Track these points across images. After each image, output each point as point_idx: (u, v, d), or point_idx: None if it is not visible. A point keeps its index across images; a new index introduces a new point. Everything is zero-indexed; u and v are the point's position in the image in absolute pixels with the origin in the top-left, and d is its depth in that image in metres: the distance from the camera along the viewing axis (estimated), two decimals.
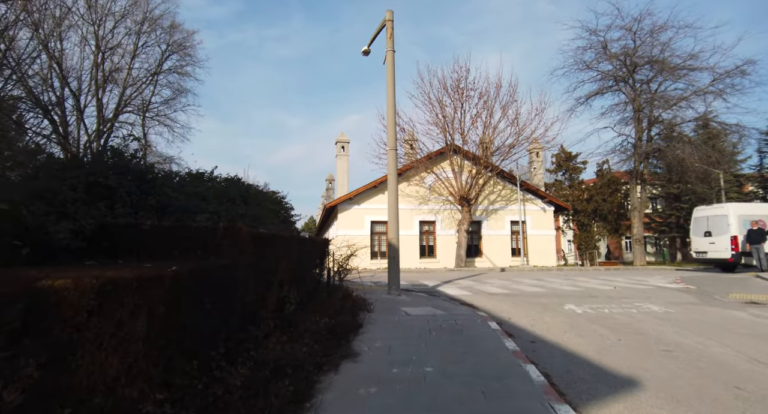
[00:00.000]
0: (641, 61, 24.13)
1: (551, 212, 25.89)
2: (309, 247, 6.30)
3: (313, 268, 6.86)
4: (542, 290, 10.47)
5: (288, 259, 4.95)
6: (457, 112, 21.60)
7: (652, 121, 25.72)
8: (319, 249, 7.24)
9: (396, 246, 8.97)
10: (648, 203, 26.99)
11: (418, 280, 13.86)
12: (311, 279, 6.43)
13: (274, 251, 4.47)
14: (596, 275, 15.80)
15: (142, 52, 22.49)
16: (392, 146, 9.27)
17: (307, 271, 6.02)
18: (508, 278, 14.33)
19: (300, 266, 5.60)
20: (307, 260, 6.10)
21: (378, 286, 11.03)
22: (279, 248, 4.64)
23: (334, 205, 23.22)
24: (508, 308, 7.82)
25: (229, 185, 6.02)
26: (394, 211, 9.08)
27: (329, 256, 8.63)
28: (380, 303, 7.81)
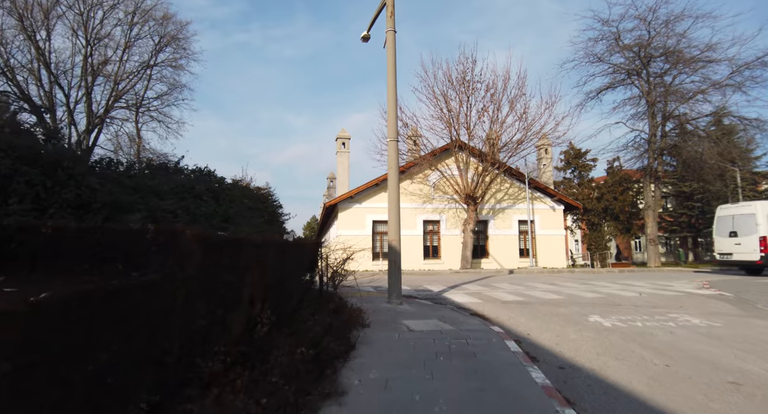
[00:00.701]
0: (656, 53, 23.00)
1: (561, 211, 24.84)
2: (295, 251, 5.34)
3: (301, 275, 5.90)
4: (559, 297, 9.47)
5: (262, 268, 4.00)
6: (463, 105, 20.60)
7: (667, 115, 24.58)
8: (308, 253, 6.29)
9: (397, 248, 8.00)
10: (662, 201, 25.82)
11: (422, 284, 12.88)
12: (297, 289, 5.48)
13: (239, 260, 3.52)
14: (613, 278, 14.76)
15: (135, 45, 21.64)
16: (393, 137, 8.29)
17: (291, 281, 5.06)
18: (519, 282, 13.33)
19: (281, 276, 4.64)
20: (292, 267, 5.14)
21: (378, 292, 10.08)
22: (248, 256, 3.68)
23: (334, 203, 22.29)
24: (525, 321, 6.83)
25: (197, 178, 5.06)
26: (395, 209, 8.11)
27: (322, 260, 7.67)
28: (379, 314, 6.84)
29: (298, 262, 5.62)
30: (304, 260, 6.04)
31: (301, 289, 5.90)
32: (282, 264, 4.64)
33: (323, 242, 7.94)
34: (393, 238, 8.05)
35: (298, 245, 5.48)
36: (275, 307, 4.40)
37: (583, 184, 31.32)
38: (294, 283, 5.25)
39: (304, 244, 5.82)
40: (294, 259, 5.33)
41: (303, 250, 5.80)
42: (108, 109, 20.23)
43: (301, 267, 5.78)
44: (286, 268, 4.83)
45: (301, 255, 5.78)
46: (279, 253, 4.52)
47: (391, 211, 8.15)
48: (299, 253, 5.64)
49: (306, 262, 6.19)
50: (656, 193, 25.18)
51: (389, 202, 8.21)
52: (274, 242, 4.34)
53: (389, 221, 8.17)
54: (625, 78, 25.42)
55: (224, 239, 3.20)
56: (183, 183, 4.53)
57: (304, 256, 5.94)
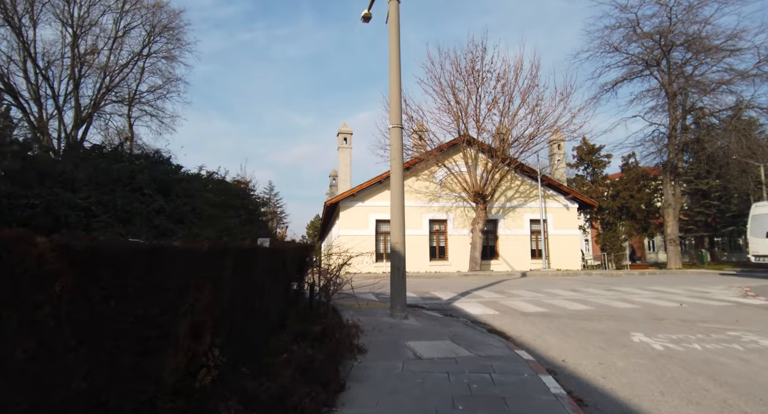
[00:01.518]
0: (678, 40, 21.60)
1: (575, 210, 23.54)
2: (272, 260, 4.20)
3: (282, 289, 4.77)
4: (588, 308, 8.26)
5: (213, 287, 2.87)
6: (472, 97, 19.38)
7: (687, 109, 23.20)
8: (293, 261, 5.15)
9: (401, 252, 6.85)
10: (683, 199, 24.45)
11: (429, 290, 11.72)
12: (276, 307, 4.34)
13: (168, 279, 2.39)
14: (638, 283, 13.51)
15: (126, 36, 20.62)
16: (396, 123, 7.14)
17: (266, 298, 3.93)
18: (537, 287, 12.11)
19: (247, 294, 3.51)
20: (267, 281, 4.01)
21: (380, 301, 8.93)
22: (184, 272, 2.55)
23: (335, 202, 21.17)
24: (555, 341, 5.65)
25: (144, 166, 3.93)
26: (399, 207, 6.95)
27: (314, 266, 6.54)
28: (379, 333, 5.69)
29: (278, 273, 4.49)
30: (287, 270, 4.91)
31: (283, 307, 4.76)
32: (248, 278, 3.51)
33: (313, 246, 6.80)
34: (396, 241, 6.90)
35: (277, 252, 4.35)
36: (237, 337, 3.27)
37: (597, 182, 29.90)
38: (270, 301, 4.12)
39: (285, 250, 4.68)
40: (271, 269, 4.20)
41: (284, 257, 4.66)
42: (97, 103, 19.25)
43: (281, 279, 4.65)
44: (255, 282, 3.70)
45: (282, 264, 4.64)
46: (243, 265, 3.38)
47: (394, 209, 7.00)
48: (279, 261, 4.50)
49: (289, 272, 5.05)
50: (676, 191, 23.80)
51: (392, 199, 7.06)
52: (236, 250, 3.20)
53: (392, 221, 7.02)
54: (643, 69, 24.04)
55: (131, 250, 2.07)
56: (118, 171, 3.40)
57: (286, 264, 4.81)
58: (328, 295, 6.51)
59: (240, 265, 3.29)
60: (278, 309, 4.58)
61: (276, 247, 4.46)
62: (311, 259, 6.30)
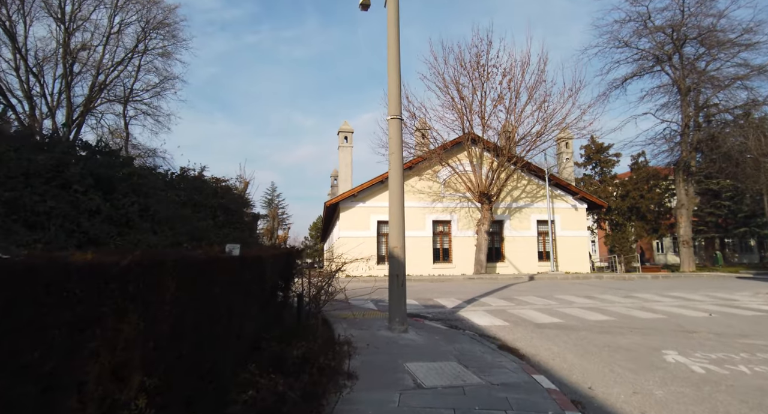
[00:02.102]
0: (692, 34, 20.75)
1: (583, 210, 22.71)
2: (244, 270, 3.49)
3: (259, 304, 4.05)
4: (607, 318, 7.49)
5: (144, 312, 2.16)
6: (477, 93, 18.63)
7: (700, 105, 22.33)
8: (273, 269, 4.43)
9: (400, 258, 6.12)
10: (696, 199, 23.56)
11: (432, 296, 10.98)
12: (248, 328, 3.63)
13: (53, 309, 1.68)
14: (655, 288, 12.70)
15: (121, 33, 20.02)
16: (395, 113, 6.42)
17: (233, 319, 3.21)
18: (547, 293, 11.34)
19: (204, 318, 2.80)
20: (236, 297, 3.30)
21: (379, 309, 8.21)
22: (89, 296, 1.85)
23: (335, 202, 20.47)
24: (577, 360, 4.90)
25: (86, 158, 3.23)
26: (398, 207, 6.23)
27: (301, 274, 5.83)
28: (374, 352, 4.96)
29: (252, 287, 3.77)
30: (266, 281, 4.19)
31: (261, 325, 4.04)
32: (205, 297, 2.80)
33: (300, 251, 6.09)
34: (395, 244, 6.17)
35: (252, 261, 3.63)
36: (187, 373, 2.56)
37: (605, 181, 29.01)
38: (242, 321, 3.40)
39: (263, 257, 3.96)
40: (243, 282, 3.49)
41: (262, 266, 3.95)
42: (90, 101, 18.65)
43: (257, 293, 3.93)
44: (217, 301, 2.99)
45: (259, 275, 3.93)
46: (194, 281, 2.67)
47: (393, 209, 6.27)
48: (254, 272, 3.79)
49: (269, 283, 4.33)
50: (689, 190, 22.92)
51: (390, 198, 6.34)
52: (183, 263, 2.49)
53: (390, 222, 6.29)
54: (654, 64, 23.20)
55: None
56: (36, 163, 2.69)
57: (264, 275, 4.09)
58: (319, 307, 5.79)
59: (189, 282, 2.58)
60: (253, 329, 3.87)
61: (251, 254, 3.75)
62: (297, 266, 5.58)
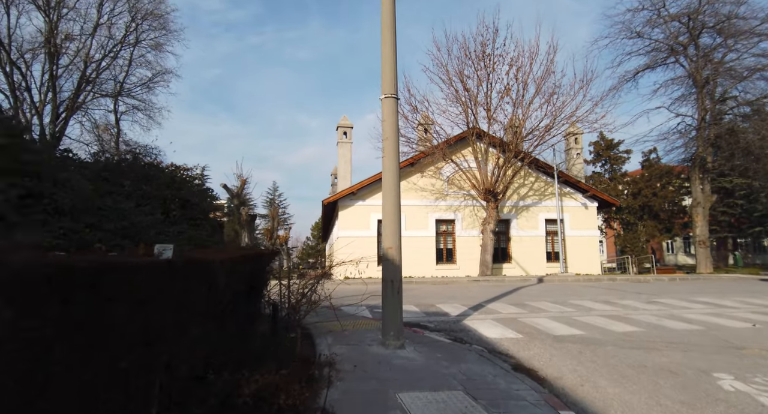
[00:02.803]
0: (710, 22, 19.68)
1: (594, 209, 21.69)
2: (176, 282, 2.58)
3: (204, 325, 3.14)
4: (636, 329, 6.53)
5: None
6: (482, 84, 17.66)
7: (717, 98, 21.24)
8: (233, 277, 3.52)
9: (395, 260, 5.20)
10: (713, 197, 22.48)
11: (434, 301, 10.04)
12: (186, 359, 2.71)
13: None
14: (680, 293, 11.70)
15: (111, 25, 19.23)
16: (390, 91, 5.50)
17: (156, 353, 2.30)
18: (561, 298, 10.37)
19: (100, 348, 1.88)
20: (163, 320, 2.39)
21: (374, 318, 7.27)
22: None
23: (333, 200, 19.56)
24: (613, 389, 3.95)
25: None
26: (393, 202, 5.31)
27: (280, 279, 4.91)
28: (360, 377, 4.04)
29: (194, 300, 2.86)
30: (220, 292, 3.27)
31: (211, 348, 3.13)
32: (93, 322, 1.88)
33: (275, 252, 5.18)
34: (390, 245, 5.25)
35: (191, 267, 2.72)
36: None
37: (616, 179, 27.93)
38: (169, 349, 2.49)
39: (210, 262, 3.04)
40: (176, 295, 2.57)
41: (211, 275, 3.03)
42: (77, 95, 17.85)
43: (202, 308, 3.01)
44: (122, 324, 2.07)
45: (207, 284, 3.02)
46: (65, 300, 1.75)
47: (388, 203, 5.35)
48: (197, 281, 2.88)
49: (226, 295, 3.42)
50: (705, 188, 21.84)
51: (384, 191, 5.41)
52: (52, 270, 1.58)
53: (384, 219, 5.37)
54: (668, 56, 22.13)
55: None
56: None
57: (217, 285, 3.18)
58: (299, 318, 4.87)
59: (51, 302, 1.67)
60: (195, 354, 2.95)
61: (194, 258, 2.84)
62: (270, 271, 4.67)
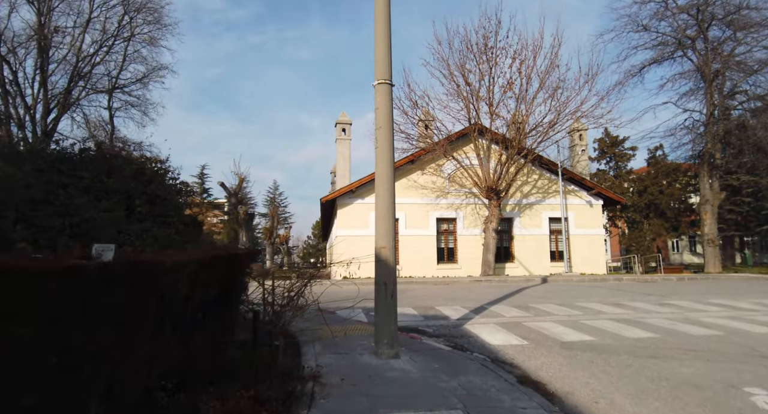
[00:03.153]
0: (719, 13, 19.13)
1: (599, 207, 21.16)
2: (104, 288, 2.12)
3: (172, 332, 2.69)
4: (651, 335, 6.05)
5: None
6: (484, 78, 17.16)
7: (727, 92, 20.69)
8: (196, 283, 3.06)
9: (389, 261, 4.75)
10: (721, 195, 21.93)
11: (434, 303, 9.59)
12: (131, 372, 2.26)
13: None
14: (692, 294, 11.20)
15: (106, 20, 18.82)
16: (384, 77, 5.04)
17: (86, 370, 1.84)
18: (567, 299, 9.90)
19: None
20: (96, 331, 1.93)
21: (369, 323, 6.83)
22: None
23: (331, 199, 19.11)
24: (631, 405, 3.48)
25: None
26: (387, 194, 4.85)
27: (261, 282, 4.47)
28: (346, 394, 3.57)
29: (141, 311, 2.41)
30: (180, 300, 2.82)
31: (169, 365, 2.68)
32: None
33: (253, 253, 4.72)
34: (383, 244, 4.80)
35: (133, 272, 2.27)
36: None
37: (621, 177, 27.37)
38: (106, 371, 2.04)
39: (160, 266, 2.58)
40: (112, 306, 2.13)
41: (161, 279, 2.59)
42: (69, 90, 17.45)
43: (156, 320, 2.56)
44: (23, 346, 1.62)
45: (159, 291, 2.57)
46: None
47: (381, 198, 4.89)
48: (144, 288, 2.43)
49: (191, 303, 2.97)
50: (714, 185, 21.30)
51: (378, 185, 4.96)
52: None
53: (377, 215, 4.92)
54: (675, 49, 21.57)
55: None
56: None
57: (173, 291, 2.73)
58: (283, 327, 4.42)
59: None
60: (144, 382, 2.50)
61: (138, 260, 2.39)
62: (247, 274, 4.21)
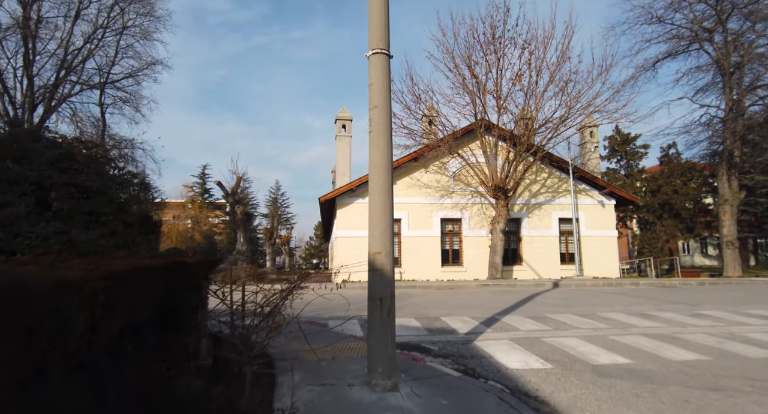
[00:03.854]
0: (741, 2, 18.11)
1: (611, 207, 20.17)
2: None
3: (78, 378, 1.78)
4: (699, 356, 5.11)
5: None
6: (491, 70, 16.22)
7: (747, 87, 19.65)
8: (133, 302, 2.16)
9: (386, 269, 3.85)
10: (741, 194, 20.89)
11: (439, 312, 8.66)
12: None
13: None
14: (724, 303, 10.22)
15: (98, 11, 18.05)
16: (380, 45, 4.14)
17: None
18: (587, 308, 8.95)
19: None
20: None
21: (364, 340, 5.91)
22: None
23: (330, 198, 18.22)
24: None
25: None
26: (383, 188, 3.97)
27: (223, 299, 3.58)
28: None
29: (13, 355, 1.50)
30: (76, 334, 1.93)
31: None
32: None
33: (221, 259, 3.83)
34: (378, 250, 3.90)
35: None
36: None
37: (632, 176, 26.33)
38: None
39: (21, 287, 1.71)
40: None
41: (29, 306, 1.70)
42: (56, 85, 16.67)
43: (30, 366, 1.66)
44: None
45: (34, 324, 1.66)
46: None
47: (376, 193, 4.00)
48: (9, 321, 1.52)
49: (103, 337, 2.07)
50: (733, 184, 20.26)
51: (371, 176, 4.07)
52: None
53: (370, 213, 4.03)
54: (691, 42, 20.57)
55: None
56: None
57: (63, 322, 1.83)
58: (252, 352, 3.52)
59: None
60: None
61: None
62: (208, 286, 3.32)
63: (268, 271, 16.36)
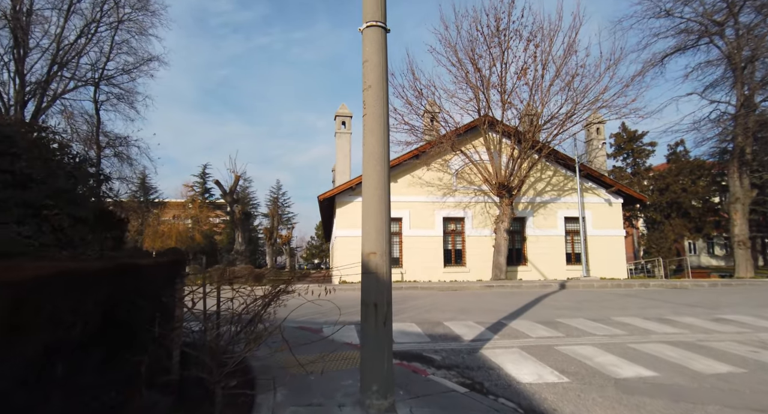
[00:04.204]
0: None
1: (619, 205, 19.61)
2: None
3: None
4: (732, 369, 4.59)
5: None
6: (495, 64, 15.69)
7: (760, 82, 19.06)
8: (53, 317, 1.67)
9: (382, 272, 3.35)
10: (753, 192, 20.31)
11: (442, 316, 8.16)
12: None
13: None
14: (744, 306, 9.68)
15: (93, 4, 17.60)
16: (375, 17, 3.65)
17: None
18: (599, 311, 8.42)
19: None
20: None
21: (359, 347, 5.41)
22: None
23: (329, 196, 17.73)
24: None
25: None
26: (379, 181, 3.47)
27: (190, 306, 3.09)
28: None
29: None
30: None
31: None
32: None
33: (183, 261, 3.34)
34: (373, 250, 3.40)
35: None
36: None
37: (639, 174, 25.72)
38: None
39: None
40: None
41: None
42: (48, 81, 16.23)
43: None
44: None
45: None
46: None
47: (370, 186, 3.50)
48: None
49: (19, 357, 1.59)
50: (744, 183, 19.67)
51: (365, 165, 3.56)
52: None
53: (363, 211, 3.52)
54: (700, 36, 19.99)
55: None
56: None
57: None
58: (222, 372, 3.02)
59: None
60: None
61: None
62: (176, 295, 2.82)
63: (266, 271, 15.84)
